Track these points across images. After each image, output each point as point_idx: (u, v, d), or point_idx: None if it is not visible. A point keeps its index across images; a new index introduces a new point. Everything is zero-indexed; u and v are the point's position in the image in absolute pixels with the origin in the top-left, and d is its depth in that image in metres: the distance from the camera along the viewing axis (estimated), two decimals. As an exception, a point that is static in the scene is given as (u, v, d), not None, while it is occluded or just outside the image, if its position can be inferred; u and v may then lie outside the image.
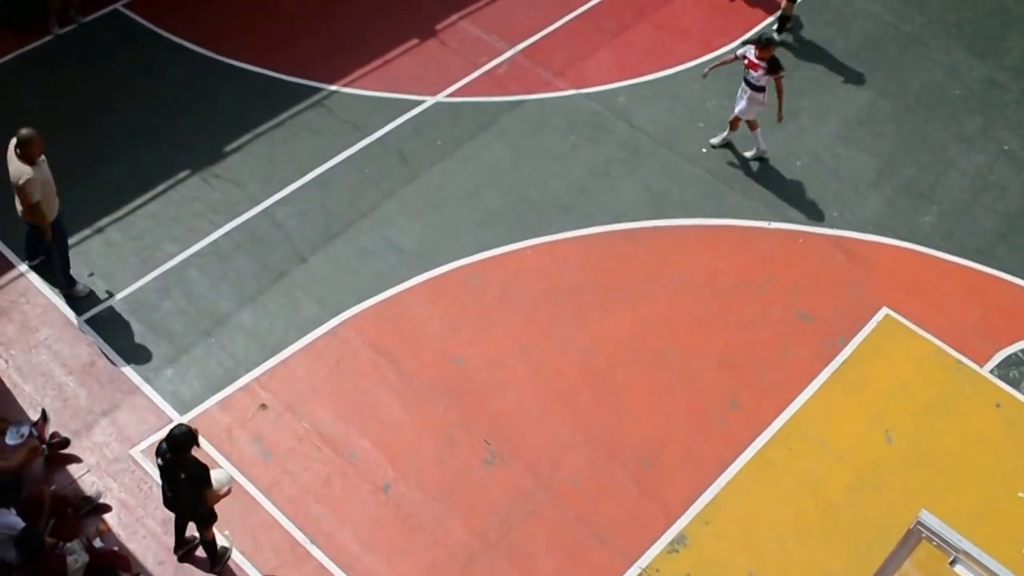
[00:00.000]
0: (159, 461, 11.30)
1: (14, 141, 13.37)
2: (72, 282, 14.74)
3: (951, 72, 19.01)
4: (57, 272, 14.68)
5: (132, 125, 16.71)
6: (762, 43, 16.11)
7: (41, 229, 13.99)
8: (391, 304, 14.90)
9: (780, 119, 16.54)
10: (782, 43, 18.63)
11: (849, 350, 14.76)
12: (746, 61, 16.23)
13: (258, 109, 17.28)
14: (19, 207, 13.90)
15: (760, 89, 16.28)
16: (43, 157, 13.57)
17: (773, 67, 16.08)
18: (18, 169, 13.39)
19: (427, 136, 17.11)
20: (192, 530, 12.26)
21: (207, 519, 11.88)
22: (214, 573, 12.33)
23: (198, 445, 11.30)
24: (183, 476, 11.22)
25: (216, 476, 11.57)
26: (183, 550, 12.38)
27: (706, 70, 17.02)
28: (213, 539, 12.14)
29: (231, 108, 17.23)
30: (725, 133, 17.21)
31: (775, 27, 19.22)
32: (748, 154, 17.04)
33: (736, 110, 16.66)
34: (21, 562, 11.37)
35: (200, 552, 12.38)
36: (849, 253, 15.98)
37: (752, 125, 16.81)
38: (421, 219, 15.92)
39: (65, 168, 15.93)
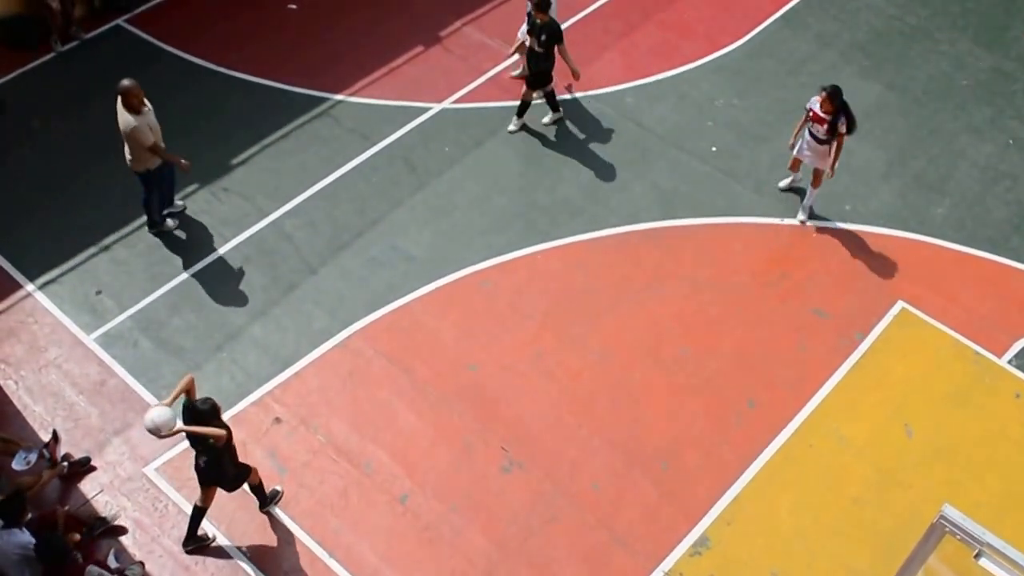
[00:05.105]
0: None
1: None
2: (163, 219, 15.57)
3: (958, 63, 18.91)
4: (153, 209, 15.36)
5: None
6: (826, 91, 14.94)
7: (152, 171, 14.78)
8: (403, 313, 14.81)
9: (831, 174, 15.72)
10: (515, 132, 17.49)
11: (866, 345, 14.65)
12: (811, 113, 15.30)
13: (264, 121, 17.25)
14: (128, 157, 14.59)
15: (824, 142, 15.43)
16: (148, 105, 14.34)
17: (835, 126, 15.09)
18: (123, 119, 14.17)
19: (434, 143, 17.04)
20: (204, 528, 12.38)
21: (239, 479, 12.11)
22: (264, 512, 12.72)
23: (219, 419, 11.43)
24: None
25: (158, 416, 11.10)
26: (193, 545, 12.39)
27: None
28: (259, 483, 12.41)
29: (237, 121, 17.19)
30: (789, 178, 16.66)
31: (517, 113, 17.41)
32: (800, 217, 16.30)
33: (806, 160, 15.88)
34: (44, 571, 11.39)
35: (210, 553, 12.46)
36: (862, 247, 15.86)
37: (817, 180, 15.89)
38: (430, 227, 15.84)
39: (70, 183, 16.00)
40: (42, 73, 17.99)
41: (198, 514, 12.22)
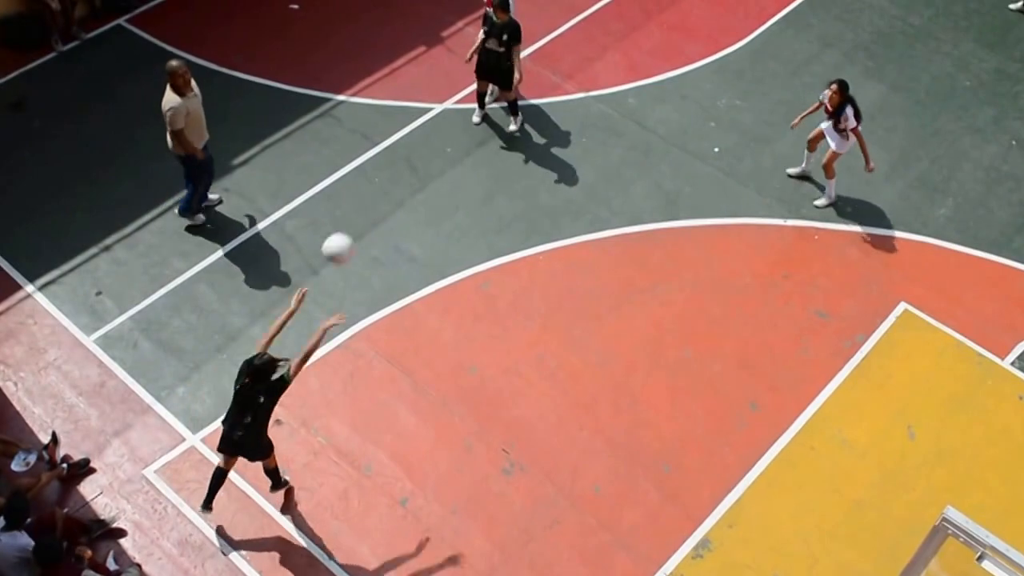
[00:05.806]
0: (237, 386, 11.64)
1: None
2: (197, 210, 15.58)
3: (961, 64, 18.86)
4: (193, 199, 15.38)
5: (137, 140, 16.62)
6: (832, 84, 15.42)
7: (191, 157, 14.78)
8: (404, 314, 14.77)
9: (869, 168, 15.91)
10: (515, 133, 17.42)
11: (868, 346, 14.60)
12: (825, 108, 15.65)
13: (265, 121, 17.21)
14: (169, 140, 14.63)
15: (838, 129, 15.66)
16: (195, 90, 14.52)
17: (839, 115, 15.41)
18: (166, 99, 14.29)
19: (436, 144, 17.00)
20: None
21: (267, 452, 12.21)
22: (273, 492, 12.81)
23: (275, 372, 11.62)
24: (261, 400, 11.64)
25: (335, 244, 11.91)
26: (209, 506, 12.33)
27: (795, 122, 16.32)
28: (275, 467, 12.49)
29: (238, 121, 17.13)
30: (800, 166, 16.79)
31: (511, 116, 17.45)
32: (818, 203, 16.45)
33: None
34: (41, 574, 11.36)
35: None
36: (865, 248, 15.82)
37: (829, 169, 16.09)
38: (432, 228, 15.80)
39: (70, 184, 15.96)
40: (43, 73, 17.95)
41: (220, 476, 12.21)
